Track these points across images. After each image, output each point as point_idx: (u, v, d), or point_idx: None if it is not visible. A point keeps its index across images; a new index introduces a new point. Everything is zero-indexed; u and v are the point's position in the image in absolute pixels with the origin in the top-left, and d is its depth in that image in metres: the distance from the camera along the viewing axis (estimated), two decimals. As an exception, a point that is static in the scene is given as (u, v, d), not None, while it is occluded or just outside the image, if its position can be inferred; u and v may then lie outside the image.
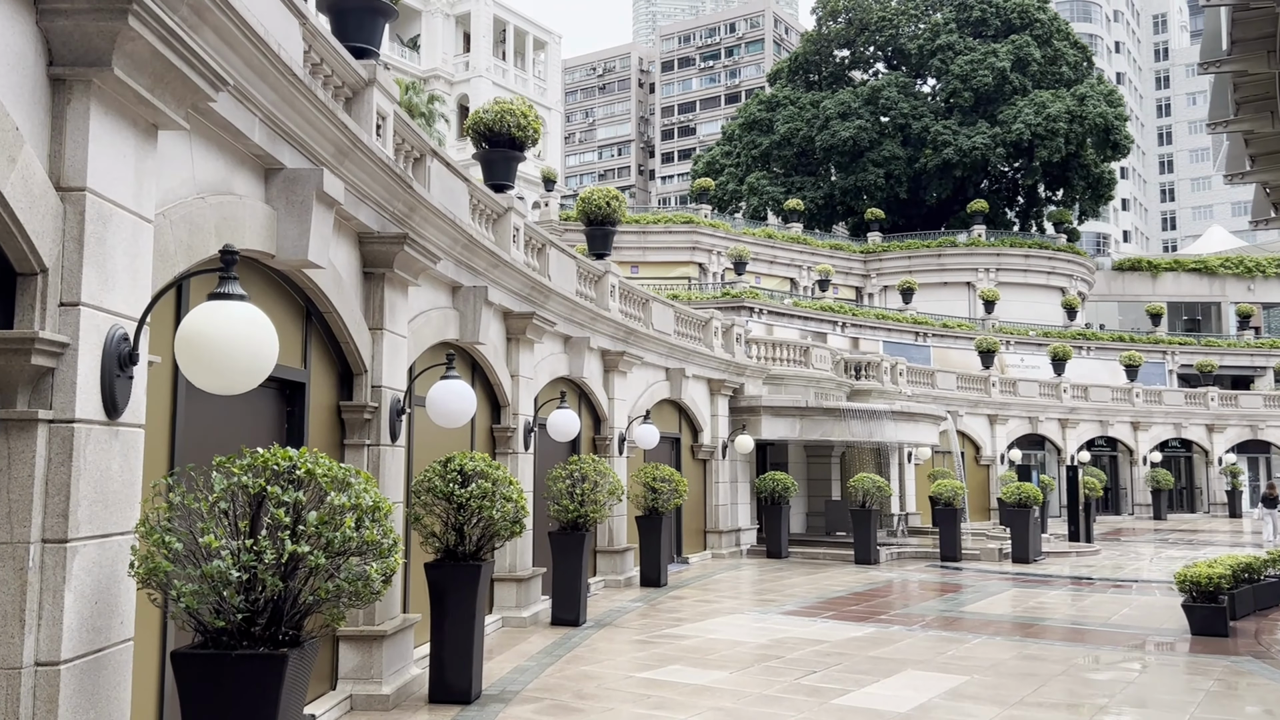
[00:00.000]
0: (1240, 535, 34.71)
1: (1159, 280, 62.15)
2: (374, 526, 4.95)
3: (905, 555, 24.86)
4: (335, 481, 4.94)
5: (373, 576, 4.84)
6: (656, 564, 18.13)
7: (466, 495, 9.10)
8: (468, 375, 12.72)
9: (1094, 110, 55.05)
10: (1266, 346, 56.15)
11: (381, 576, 4.96)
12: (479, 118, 14.22)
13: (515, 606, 13.61)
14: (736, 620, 14.53)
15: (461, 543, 9.35)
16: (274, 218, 7.28)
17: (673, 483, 18.15)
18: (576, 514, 13.67)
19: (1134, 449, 44.88)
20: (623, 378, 18.70)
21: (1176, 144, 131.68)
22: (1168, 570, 22.25)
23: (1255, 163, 15.85)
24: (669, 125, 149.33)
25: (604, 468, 14.15)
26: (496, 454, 13.71)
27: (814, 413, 25.21)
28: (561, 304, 15.47)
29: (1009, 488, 23.76)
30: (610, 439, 18.14)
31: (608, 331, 17.83)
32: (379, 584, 4.94)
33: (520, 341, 13.94)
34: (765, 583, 19.15)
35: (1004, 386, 41.23)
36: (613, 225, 18.89)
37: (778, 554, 23.90)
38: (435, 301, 11.31)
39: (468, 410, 9.14)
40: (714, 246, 49.45)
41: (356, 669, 9.03)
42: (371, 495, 5.04)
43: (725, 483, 23.96)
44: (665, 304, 21.61)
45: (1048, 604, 16.71)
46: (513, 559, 13.70)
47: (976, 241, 55.14)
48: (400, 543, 5.25)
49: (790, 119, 60.90)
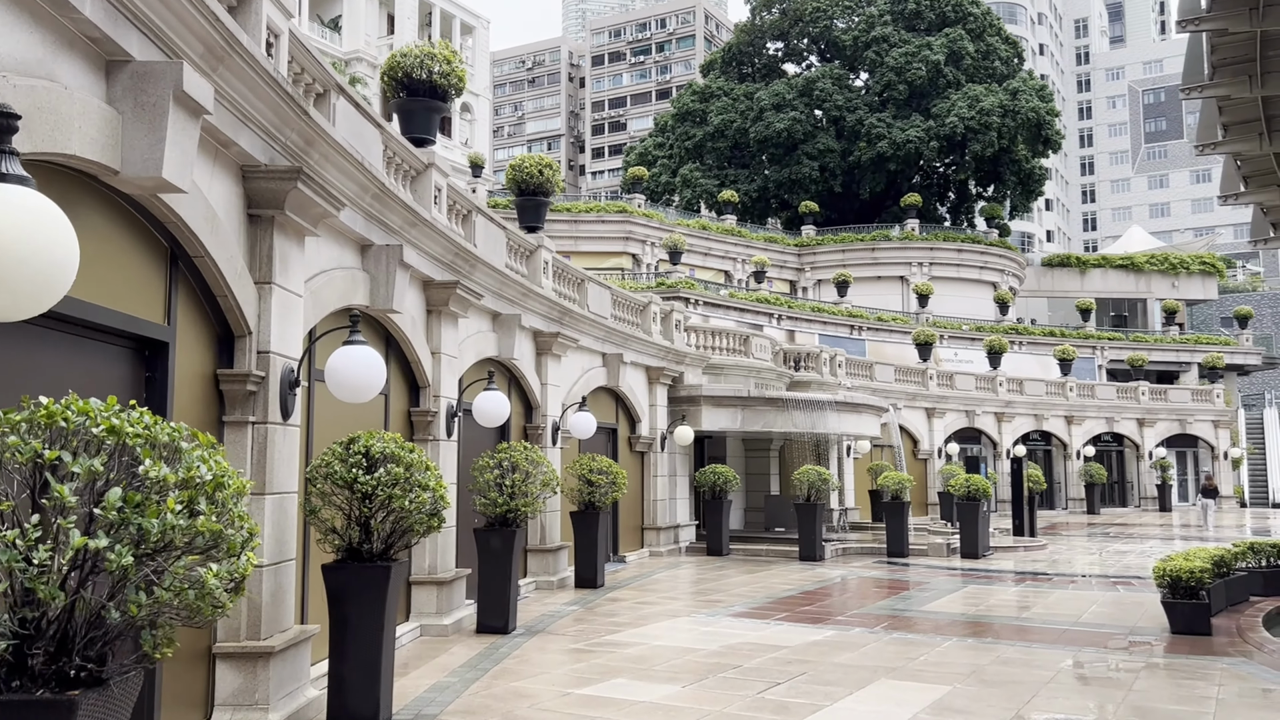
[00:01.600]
0: (1177, 528, 34.55)
1: (1087, 277, 62.62)
2: (215, 512, 3.42)
3: (850, 551, 23.80)
4: (157, 446, 3.40)
5: (210, 583, 3.31)
6: (593, 563, 16.69)
7: (373, 483, 7.56)
8: (381, 350, 11.13)
9: (1026, 105, 55.08)
10: (1191, 342, 56.84)
11: (226, 583, 3.44)
12: (396, 62, 12.62)
13: (435, 613, 12.05)
14: (683, 624, 13.16)
15: (367, 540, 7.80)
16: (117, 122, 5.67)
17: (611, 475, 16.74)
18: (506, 508, 12.17)
19: (1068, 443, 44.77)
20: (557, 362, 17.23)
21: (1097, 146, 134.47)
22: (1121, 565, 21.55)
23: (1249, 183, 15.10)
24: (599, 120, 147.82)
25: (537, 456, 12.68)
26: (415, 441, 12.14)
27: (756, 403, 24.01)
28: (490, 276, 13.94)
29: (957, 480, 22.84)
30: (543, 428, 16.65)
31: (541, 310, 16.34)
32: (222, 594, 3.42)
33: (442, 315, 12.38)
34: (709, 582, 17.85)
35: (941, 380, 40.68)
36: (546, 196, 17.40)
37: (719, 551, 22.64)
38: (340, 259, 9.71)
39: (375, 382, 7.59)
40: (648, 237, 48.14)
41: (237, 693, 7.43)
42: (214, 468, 3.51)
43: (664, 476, 22.62)
44: (602, 285, 20.18)
45: (1010, 601, 15.68)
46: (433, 559, 12.13)
47: (910, 236, 54.78)
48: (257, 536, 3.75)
49: (724, 110, 59.91)
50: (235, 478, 3.62)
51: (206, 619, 3.42)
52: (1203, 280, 63.20)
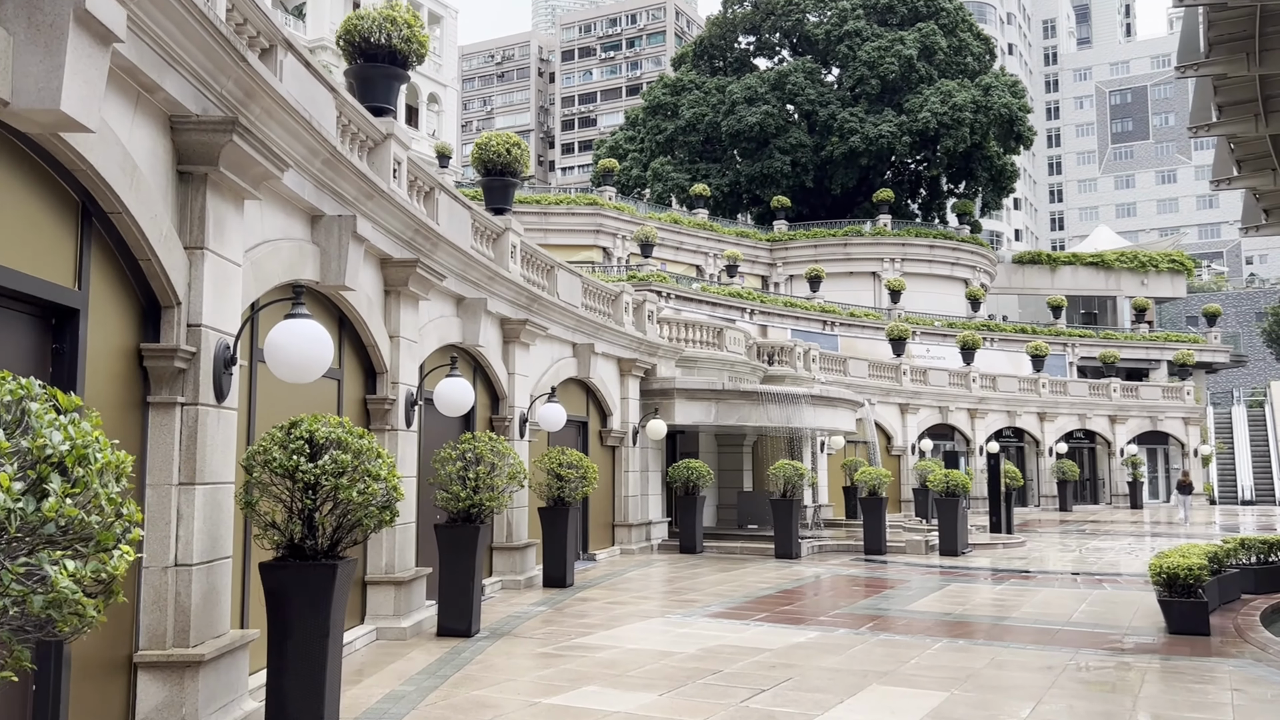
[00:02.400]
0: (1151, 525, 34.30)
1: (1057, 274, 62.59)
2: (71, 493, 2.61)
3: (826, 548, 23.19)
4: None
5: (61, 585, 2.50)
6: (562, 561, 15.92)
7: (316, 471, 6.75)
8: (334, 331, 10.31)
9: (999, 100, 54.87)
10: (1161, 340, 56.92)
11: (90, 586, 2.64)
12: (353, 25, 11.78)
13: (393, 615, 11.23)
14: (657, 626, 12.43)
15: (311, 536, 6.99)
16: (7, 44, 4.84)
17: (581, 469, 15.97)
18: (469, 503, 11.37)
19: (1040, 440, 44.53)
20: (525, 350, 16.44)
21: (1065, 146, 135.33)
22: (1103, 562, 21.08)
23: (1242, 167, 14.63)
24: (569, 116, 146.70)
25: (503, 447, 11.89)
26: (372, 430, 11.30)
27: (730, 396, 23.33)
28: (453, 256, 13.12)
29: (936, 475, 22.29)
30: (510, 420, 15.85)
31: (508, 296, 15.53)
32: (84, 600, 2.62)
33: (402, 295, 11.55)
34: (683, 580, 17.13)
35: (915, 375, 40.25)
36: (514, 176, 16.60)
37: (692, 549, 21.94)
38: (286, 229, 8.88)
39: (320, 359, 6.78)
40: (619, 230, 47.37)
41: (161, 708, 6.60)
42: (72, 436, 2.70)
43: (635, 472, 21.88)
44: (572, 273, 19.39)
45: (997, 600, 15.08)
46: (390, 557, 11.31)
47: (882, 231, 54.39)
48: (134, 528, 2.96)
49: (696, 104, 59.23)
50: (109, 451, 2.81)
51: (65, 633, 2.63)
52: (1171, 278, 63.40)
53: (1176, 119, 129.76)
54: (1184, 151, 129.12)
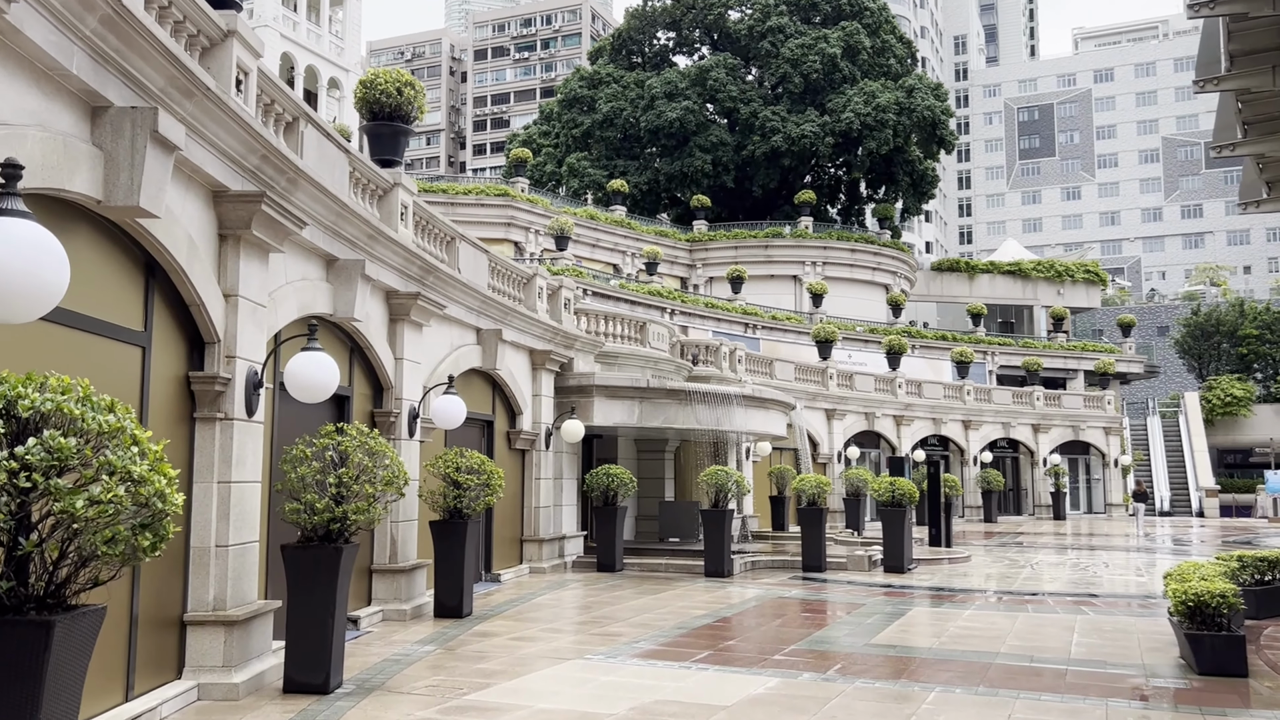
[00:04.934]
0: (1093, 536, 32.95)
1: (975, 282, 61.91)
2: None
3: (760, 565, 20.84)
4: None
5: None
6: (459, 586, 13.17)
7: (12, 465, 3.98)
8: (137, 281, 7.48)
9: (922, 103, 53.80)
10: (1079, 349, 56.53)
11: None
12: None
13: (221, 665, 8.38)
14: (575, 671, 9.81)
15: (18, 576, 4.20)
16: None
17: (484, 475, 13.27)
18: (330, 516, 8.60)
19: (965, 448, 43.19)
20: (417, 332, 13.67)
21: (974, 161, 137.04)
22: (1066, 580, 19.17)
23: (1250, 130, 12.93)
24: (481, 116, 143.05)
25: (378, 444, 9.16)
26: (199, 420, 8.46)
27: (656, 394, 20.84)
28: (321, 202, 10.33)
29: (879, 483, 20.16)
30: (397, 414, 13.07)
31: (395, 263, 12.76)
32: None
33: (243, 243, 8.73)
34: (604, 606, 14.53)
35: (841, 380, 38.43)
36: (406, 123, 13.82)
37: (611, 566, 19.37)
38: (41, 114, 6.04)
39: (43, 293, 4.02)
40: (532, 224, 44.63)
41: None
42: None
43: (548, 479, 19.22)
44: (478, 248, 16.65)
45: (971, 630, 12.85)
46: (219, 589, 8.47)
47: (803, 234, 52.78)
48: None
49: (614, 97, 56.85)
50: None
51: None
52: (1086, 289, 63.37)
53: (1081, 137, 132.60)
54: (1088, 169, 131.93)
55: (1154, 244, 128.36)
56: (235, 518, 8.51)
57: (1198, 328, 68.68)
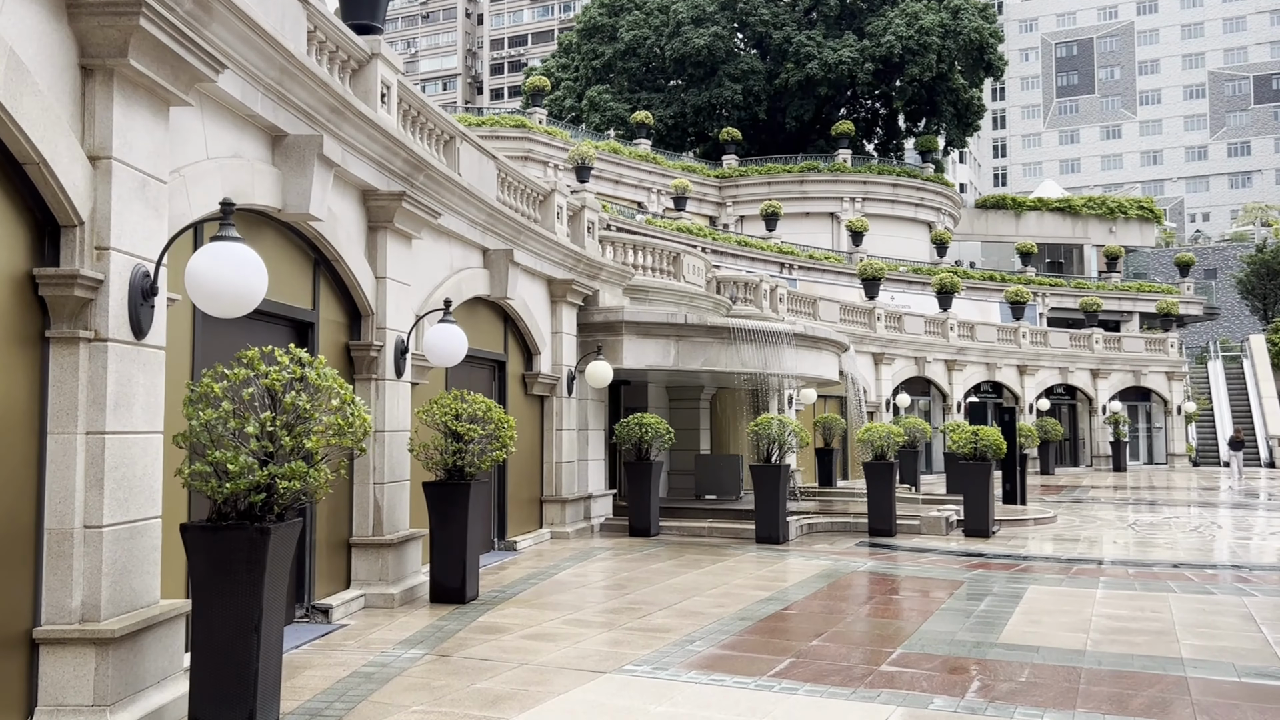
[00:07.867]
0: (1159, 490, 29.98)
1: (1022, 220, 58.36)
2: None
3: (817, 528, 18.06)
4: None
5: None
6: (460, 563, 10.42)
7: None
8: None
9: (969, 24, 49.93)
10: (1135, 290, 53.10)
11: None
12: None
13: (92, 704, 5.65)
14: (612, 697, 7.04)
15: None
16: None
17: (491, 425, 10.46)
18: (251, 484, 5.78)
19: (1020, 396, 40.12)
20: (404, 246, 10.76)
21: (1009, 100, 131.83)
22: (1188, 545, 16.21)
23: None
24: (498, 59, 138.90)
25: (325, 378, 6.27)
26: (56, 342, 5.66)
27: (695, 332, 17.95)
28: (255, 49, 7.39)
29: (961, 434, 17.26)
30: (380, 348, 10.21)
31: (373, 152, 9.83)
32: None
33: (124, 84, 5.84)
34: (641, 585, 11.78)
35: (889, 321, 35.39)
36: (386, -24, 10.84)
37: (645, 530, 16.66)
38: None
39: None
40: (550, 158, 41.51)
41: None
42: None
43: (571, 430, 16.45)
44: (484, 152, 13.67)
45: (1128, 621, 9.94)
46: (89, 589, 5.72)
47: (842, 167, 49.35)
48: None
49: (636, 25, 53.27)
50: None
51: None
52: (1140, 226, 59.65)
53: (1122, 73, 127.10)
54: (1129, 106, 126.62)
55: (1197, 184, 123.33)
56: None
57: (1263, 265, 64.70)
